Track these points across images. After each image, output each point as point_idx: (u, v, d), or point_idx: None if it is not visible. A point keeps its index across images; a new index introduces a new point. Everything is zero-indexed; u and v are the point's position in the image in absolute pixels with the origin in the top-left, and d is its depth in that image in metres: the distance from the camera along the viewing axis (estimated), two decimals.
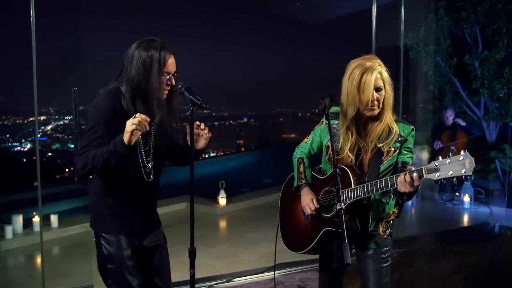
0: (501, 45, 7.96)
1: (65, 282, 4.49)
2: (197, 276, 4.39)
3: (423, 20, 8.49)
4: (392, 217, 2.51)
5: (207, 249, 5.26)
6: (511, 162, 7.73)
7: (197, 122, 2.36)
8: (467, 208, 6.97)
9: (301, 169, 2.67)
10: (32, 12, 3.76)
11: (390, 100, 2.39)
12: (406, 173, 2.16)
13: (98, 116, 2.22)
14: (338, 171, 2.28)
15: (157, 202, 2.57)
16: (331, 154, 2.50)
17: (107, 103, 2.23)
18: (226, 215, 6.96)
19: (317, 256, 2.75)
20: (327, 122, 2.58)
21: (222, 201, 7.08)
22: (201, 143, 2.44)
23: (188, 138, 2.35)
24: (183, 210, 7.01)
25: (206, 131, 2.41)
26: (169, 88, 2.32)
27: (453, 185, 7.38)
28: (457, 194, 7.25)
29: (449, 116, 7.43)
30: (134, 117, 2.09)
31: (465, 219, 6.78)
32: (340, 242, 2.37)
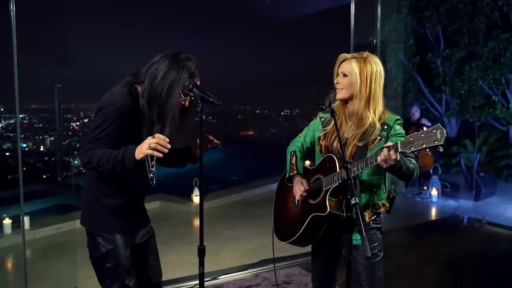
0: (462, 44, 8.30)
1: (47, 285, 4.35)
2: (181, 275, 4.41)
3: (387, 19, 8.70)
4: (382, 209, 2.55)
5: (186, 248, 5.21)
6: (472, 157, 8.05)
7: (210, 137, 2.42)
8: (435, 202, 7.21)
9: (293, 161, 2.74)
10: (12, 6, 3.60)
11: (360, 91, 2.46)
12: (383, 149, 2.21)
13: (113, 112, 2.16)
14: (347, 165, 2.30)
15: None
16: (322, 145, 2.60)
17: (126, 101, 2.18)
18: None
19: (302, 251, 2.77)
20: (320, 116, 2.65)
21: (196, 199, 7.01)
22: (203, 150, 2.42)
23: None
24: (156, 209, 6.91)
25: (212, 144, 2.45)
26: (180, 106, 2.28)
27: (420, 179, 7.62)
28: (424, 188, 7.47)
29: (415, 113, 7.63)
30: (153, 137, 2.06)
31: (435, 212, 7.01)
32: (349, 237, 2.47)
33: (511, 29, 7.96)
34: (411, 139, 2.16)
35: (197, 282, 4.24)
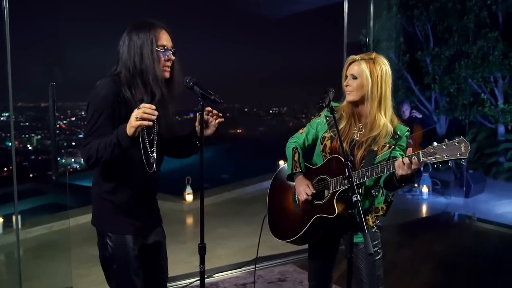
0: (451, 42, 8.36)
1: (42, 284, 4.30)
2: (176, 273, 4.40)
3: (377, 17, 8.73)
4: (381, 212, 2.58)
5: (180, 246, 5.20)
6: None
7: (209, 108, 2.33)
8: (425, 199, 7.29)
9: (296, 157, 2.70)
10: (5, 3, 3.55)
11: (371, 92, 2.45)
12: (404, 157, 2.22)
13: (100, 103, 2.13)
14: (349, 163, 2.30)
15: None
16: (326, 144, 2.58)
17: (111, 91, 2.15)
18: (193, 211, 6.89)
19: (296, 249, 2.75)
20: (325, 115, 2.65)
21: (189, 197, 6.99)
22: (209, 131, 2.39)
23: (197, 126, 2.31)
24: None
25: (215, 118, 2.36)
26: (170, 64, 2.24)
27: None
28: (415, 185, 7.53)
29: (405, 110, 7.68)
30: (139, 108, 2.00)
31: (425, 209, 7.08)
32: (351, 234, 2.48)
33: (499, 28, 8.05)
34: (432, 150, 2.17)
35: (191, 280, 4.31)
